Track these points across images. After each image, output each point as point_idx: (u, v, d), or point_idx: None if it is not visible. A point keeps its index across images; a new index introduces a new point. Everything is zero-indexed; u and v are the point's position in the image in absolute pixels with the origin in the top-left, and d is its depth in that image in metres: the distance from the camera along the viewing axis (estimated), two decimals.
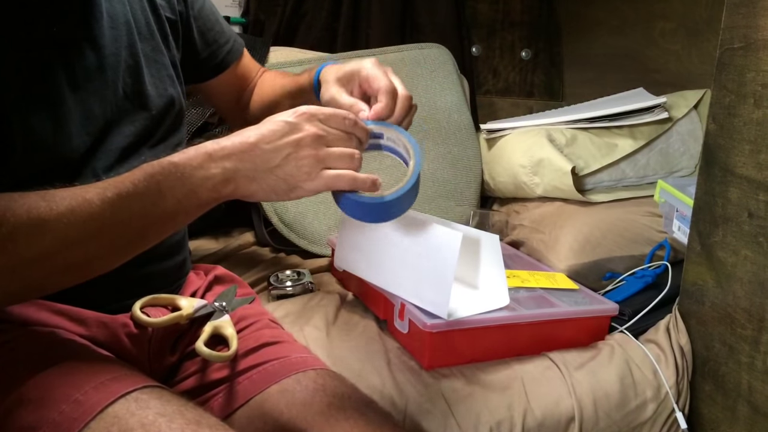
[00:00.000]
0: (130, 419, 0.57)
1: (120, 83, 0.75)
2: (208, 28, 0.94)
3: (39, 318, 0.68)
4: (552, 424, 0.91)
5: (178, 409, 0.59)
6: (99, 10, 0.73)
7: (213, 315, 0.81)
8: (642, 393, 0.96)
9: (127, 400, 0.58)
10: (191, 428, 0.57)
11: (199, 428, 0.57)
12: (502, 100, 1.99)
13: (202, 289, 0.89)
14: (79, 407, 0.57)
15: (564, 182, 1.29)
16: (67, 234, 0.56)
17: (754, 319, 0.90)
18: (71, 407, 0.57)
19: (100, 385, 0.59)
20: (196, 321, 0.81)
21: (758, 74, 0.88)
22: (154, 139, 0.80)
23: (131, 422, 0.56)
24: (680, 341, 1.02)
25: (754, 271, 0.90)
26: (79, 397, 0.58)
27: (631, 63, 1.75)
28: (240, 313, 0.87)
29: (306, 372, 0.78)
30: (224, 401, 0.76)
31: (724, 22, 0.94)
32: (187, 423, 0.58)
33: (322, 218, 1.33)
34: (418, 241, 0.87)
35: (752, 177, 0.89)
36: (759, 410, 0.90)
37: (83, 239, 0.58)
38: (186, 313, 0.78)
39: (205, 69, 0.97)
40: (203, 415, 0.61)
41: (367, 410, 0.75)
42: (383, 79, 0.76)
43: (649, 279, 1.13)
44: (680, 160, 1.43)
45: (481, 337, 0.94)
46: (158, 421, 0.57)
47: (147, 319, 0.74)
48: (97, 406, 0.57)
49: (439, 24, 1.76)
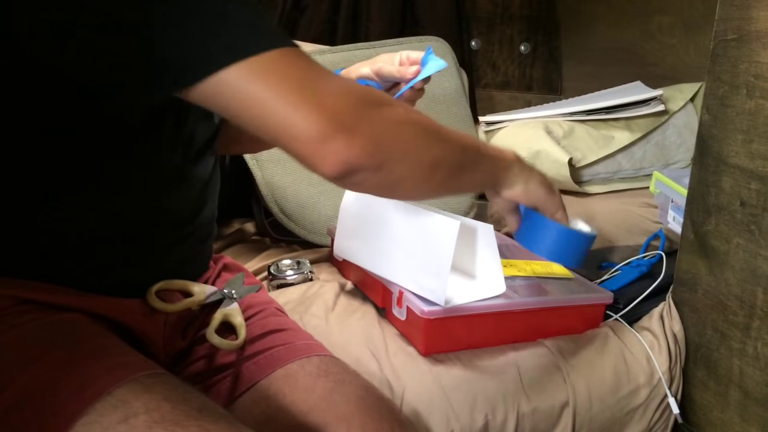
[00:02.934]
0: (135, 402, 0.58)
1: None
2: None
3: (56, 301, 0.68)
4: (546, 409, 0.92)
5: (183, 395, 0.61)
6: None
7: (223, 302, 0.83)
8: (635, 379, 0.98)
9: (133, 384, 0.60)
10: (194, 414, 0.58)
11: (201, 415, 0.59)
12: (501, 94, 2.00)
13: (213, 277, 0.90)
14: (87, 388, 0.58)
15: (561, 173, 1.31)
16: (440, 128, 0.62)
17: (746, 306, 0.91)
18: (79, 389, 0.58)
19: (110, 367, 0.60)
20: (206, 307, 0.83)
21: (751, 65, 0.90)
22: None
23: (136, 406, 0.57)
24: (673, 328, 1.03)
25: (745, 259, 0.91)
26: (88, 379, 0.59)
27: (629, 57, 1.76)
28: (248, 301, 0.89)
29: (310, 358, 0.80)
30: (231, 385, 0.78)
31: (718, 14, 0.96)
32: (191, 409, 0.59)
33: (321, 209, 1.34)
34: (416, 229, 0.88)
35: (744, 166, 0.91)
36: (750, 395, 0.91)
37: (450, 139, 0.63)
38: (198, 299, 0.80)
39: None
40: (207, 402, 0.63)
41: (367, 395, 0.77)
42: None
43: (644, 268, 1.15)
44: (677, 152, 1.45)
45: (477, 324, 0.96)
46: (163, 406, 0.58)
47: (162, 304, 0.75)
48: (104, 389, 0.58)
49: (439, 17, 1.78)
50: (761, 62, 0.88)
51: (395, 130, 0.57)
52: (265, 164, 1.32)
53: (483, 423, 0.88)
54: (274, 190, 1.32)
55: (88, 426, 0.56)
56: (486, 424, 0.88)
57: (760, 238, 0.88)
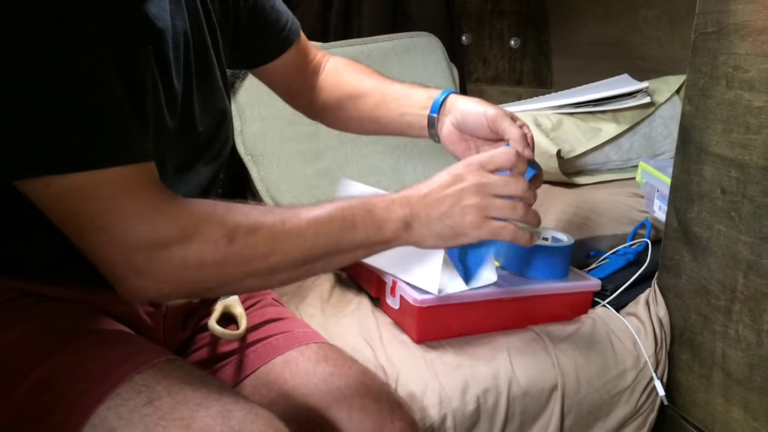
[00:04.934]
0: (157, 386, 0.60)
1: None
2: (263, 18, 0.89)
3: (64, 294, 0.70)
4: (536, 392, 0.95)
5: (201, 379, 0.63)
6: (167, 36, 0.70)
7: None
8: (622, 362, 1.01)
9: (153, 369, 0.62)
10: (214, 396, 0.61)
11: (221, 396, 0.61)
12: (492, 88, 2.03)
13: None
14: (107, 376, 0.60)
15: (550, 165, 1.34)
16: (274, 239, 0.61)
17: (727, 290, 0.94)
18: (100, 376, 0.60)
19: (127, 355, 0.63)
20: (206, 299, 0.86)
21: (730, 57, 0.93)
22: (208, 157, 0.80)
23: (158, 389, 0.60)
24: (659, 313, 1.06)
25: (726, 245, 0.94)
26: (107, 367, 0.61)
27: (617, 50, 1.79)
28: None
29: (308, 345, 0.82)
30: (232, 372, 0.81)
31: (699, 7, 0.99)
32: (210, 391, 0.61)
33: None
34: None
35: (724, 155, 0.94)
36: (732, 376, 0.95)
37: (284, 249, 0.62)
38: None
39: (256, 58, 0.93)
40: (223, 385, 0.65)
41: (365, 378, 0.80)
42: (515, 130, 0.79)
43: (630, 256, 1.18)
44: (663, 143, 1.48)
45: (468, 312, 0.99)
46: (184, 389, 0.60)
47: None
48: (126, 375, 0.60)
49: (429, 14, 1.80)
50: (739, 54, 0.91)
51: (196, 271, 0.59)
52: (260, 160, 1.35)
53: (475, 406, 0.91)
54: (269, 185, 1.34)
55: (113, 410, 0.58)
56: (478, 408, 0.91)
57: (740, 224, 0.92)
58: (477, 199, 0.69)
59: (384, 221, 0.67)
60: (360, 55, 1.50)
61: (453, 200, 0.69)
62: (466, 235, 0.69)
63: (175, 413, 0.58)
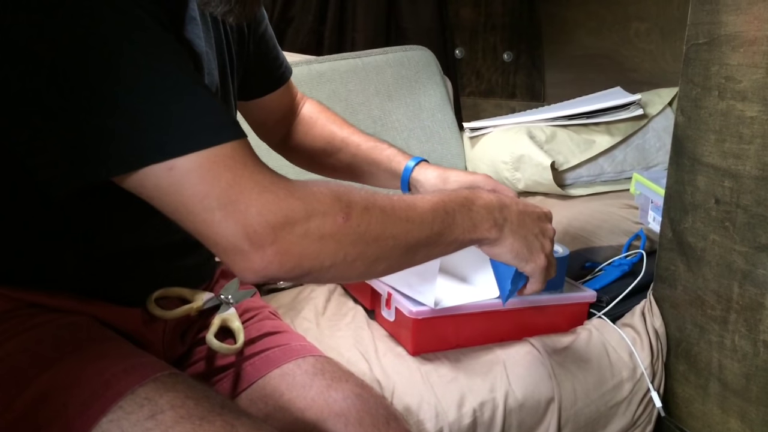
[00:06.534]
0: (160, 400, 0.59)
1: None
2: (266, 53, 0.93)
3: (63, 305, 0.69)
4: (532, 404, 0.95)
5: (204, 393, 0.63)
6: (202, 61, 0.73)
7: (220, 307, 0.85)
8: (618, 374, 1.00)
9: (156, 382, 0.61)
10: (217, 410, 0.60)
11: (224, 411, 0.61)
12: (486, 102, 2.04)
13: (211, 284, 0.92)
14: (110, 388, 0.59)
15: (544, 177, 1.34)
16: (385, 222, 0.61)
17: (723, 300, 0.94)
18: (102, 387, 0.59)
19: (130, 368, 0.62)
20: (203, 312, 0.85)
21: (722, 67, 0.93)
22: None
23: (161, 403, 0.59)
24: (655, 324, 1.06)
25: (721, 254, 0.94)
26: (109, 378, 0.60)
27: (609, 63, 1.81)
28: (244, 306, 0.91)
29: (305, 358, 0.82)
30: (229, 385, 0.80)
31: (690, 18, 1.00)
32: (213, 405, 0.61)
33: None
34: None
35: (717, 165, 0.94)
36: (729, 387, 0.94)
37: (393, 234, 0.61)
38: (197, 306, 0.81)
39: (251, 91, 0.95)
40: (226, 400, 0.65)
41: (362, 391, 0.79)
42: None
43: (625, 267, 1.18)
44: (656, 155, 1.49)
45: (464, 324, 0.98)
46: (187, 403, 0.60)
47: (162, 311, 0.77)
48: (128, 388, 0.60)
49: (423, 27, 1.82)
50: (731, 64, 0.92)
51: (317, 245, 0.58)
52: None
53: (471, 419, 0.90)
54: None
55: (116, 423, 0.57)
56: (474, 421, 0.90)
57: (735, 233, 0.92)
58: (549, 234, 0.77)
59: (480, 220, 0.69)
60: (354, 68, 1.51)
61: (537, 222, 0.75)
62: (531, 260, 0.74)
63: (177, 428, 0.57)
